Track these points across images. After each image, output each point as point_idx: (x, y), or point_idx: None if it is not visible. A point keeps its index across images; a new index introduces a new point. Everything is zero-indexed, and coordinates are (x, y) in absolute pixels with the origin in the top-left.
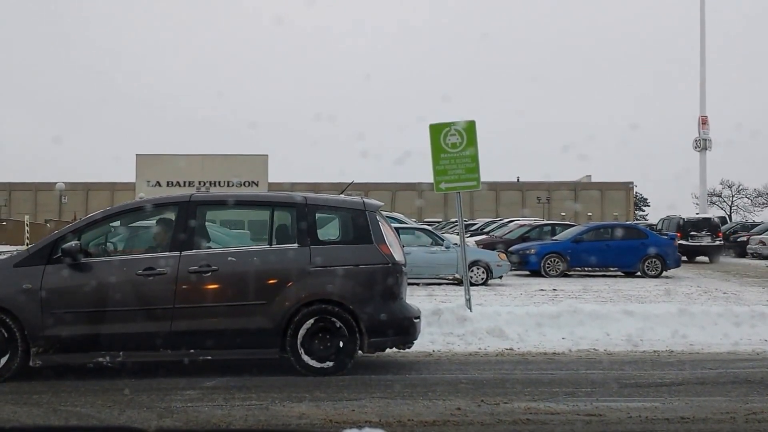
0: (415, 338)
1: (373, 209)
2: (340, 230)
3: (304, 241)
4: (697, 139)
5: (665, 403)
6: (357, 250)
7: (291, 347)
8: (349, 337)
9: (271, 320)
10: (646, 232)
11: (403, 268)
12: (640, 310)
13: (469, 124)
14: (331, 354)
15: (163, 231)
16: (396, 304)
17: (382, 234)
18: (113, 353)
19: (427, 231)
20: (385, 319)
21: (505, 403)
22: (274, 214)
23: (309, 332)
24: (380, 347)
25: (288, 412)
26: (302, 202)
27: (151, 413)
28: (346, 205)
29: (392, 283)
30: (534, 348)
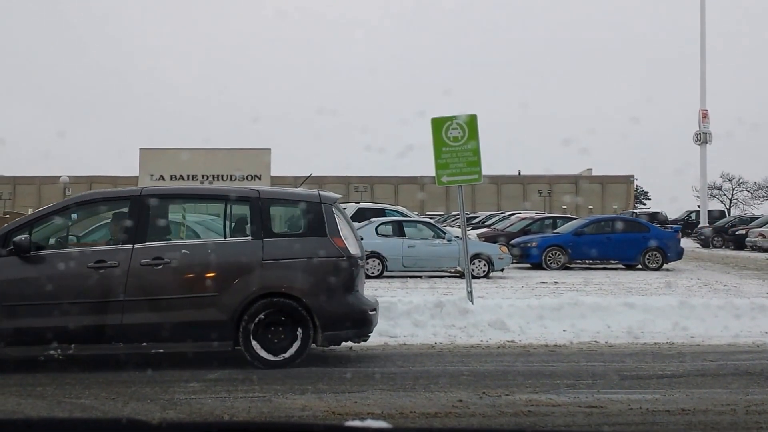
0: (370, 331)
1: (329, 202)
2: (295, 223)
3: (258, 234)
4: (697, 133)
5: (666, 394)
6: (311, 242)
7: (244, 340)
8: (302, 330)
9: (224, 313)
10: (647, 225)
11: (358, 261)
12: (641, 303)
13: (471, 118)
14: (285, 347)
15: (117, 224)
16: (351, 297)
17: (337, 227)
18: (64, 346)
19: (429, 224)
20: (340, 311)
21: (507, 395)
22: (228, 207)
23: (262, 325)
24: (335, 340)
25: (291, 404)
26: (256, 195)
27: (155, 405)
28: (301, 198)
29: (347, 275)
30: (535, 340)
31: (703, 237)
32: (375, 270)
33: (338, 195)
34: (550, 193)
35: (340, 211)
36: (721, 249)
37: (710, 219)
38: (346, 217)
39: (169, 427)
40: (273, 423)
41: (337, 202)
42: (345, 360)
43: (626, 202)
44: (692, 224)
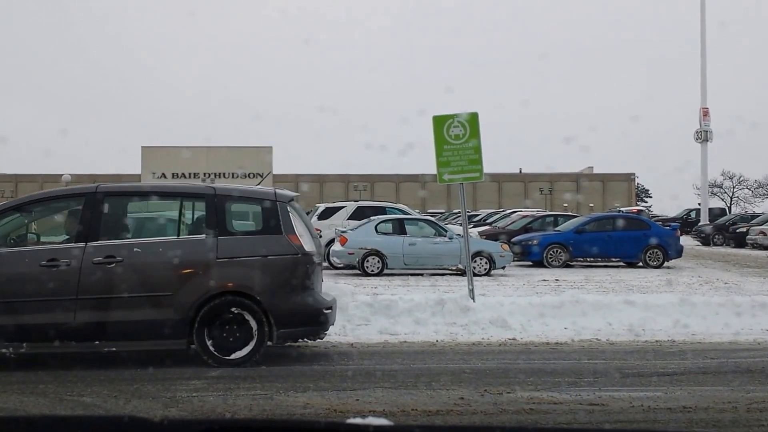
0: (326, 329)
1: (284, 200)
2: (250, 221)
3: (212, 232)
4: (698, 131)
5: (667, 392)
6: (266, 240)
7: (198, 338)
8: (257, 329)
9: (178, 311)
10: (648, 222)
11: (314, 258)
12: (642, 300)
13: (472, 116)
14: (240, 345)
15: (71, 222)
16: (306, 295)
17: (292, 224)
18: (16, 344)
19: (430, 222)
20: (295, 309)
21: (509, 392)
22: (184, 204)
23: (217, 323)
24: (290, 338)
25: (292, 401)
26: (212, 192)
27: (157, 403)
28: (257, 196)
29: (302, 273)
30: (537, 338)
31: (704, 235)
32: (375, 268)
33: (295, 193)
34: (551, 190)
35: (296, 209)
36: (721, 247)
37: (710, 217)
38: (303, 214)
39: (171, 425)
40: (274, 420)
41: (293, 200)
42: (346, 357)
43: (627, 199)
44: (692, 222)
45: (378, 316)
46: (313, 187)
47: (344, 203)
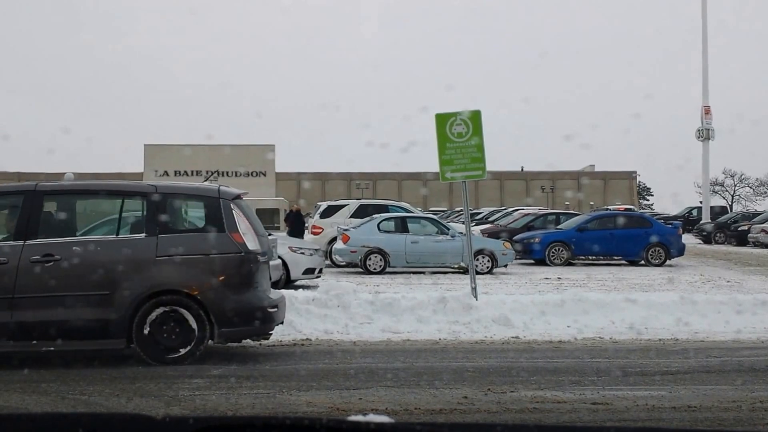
0: (270, 328)
1: (228, 197)
2: (192, 219)
3: (152, 230)
4: (700, 129)
5: (671, 391)
6: (208, 238)
7: (137, 338)
8: (197, 328)
9: (117, 311)
10: (650, 220)
11: (258, 257)
12: (645, 299)
13: (475, 114)
14: (180, 344)
15: (10, 220)
16: (249, 294)
17: (235, 222)
18: None
19: (432, 220)
20: (237, 308)
21: (512, 391)
22: (124, 203)
23: (156, 322)
24: (232, 337)
25: (295, 400)
26: (152, 190)
27: (159, 401)
28: (199, 193)
29: (245, 272)
30: (539, 336)
31: (705, 233)
32: (377, 266)
33: (240, 190)
34: (553, 189)
35: (241, 207)
36: (723, 245)
37: (711, 215)
38: (250, 213)
39: (173, 422)
40: (276, 417)
41: (238, 197)
42: (349, 356)
43: (629, 198)
44: (693, 221)
45: (380, 315)
46: (315, 185)
47: (346, 201)
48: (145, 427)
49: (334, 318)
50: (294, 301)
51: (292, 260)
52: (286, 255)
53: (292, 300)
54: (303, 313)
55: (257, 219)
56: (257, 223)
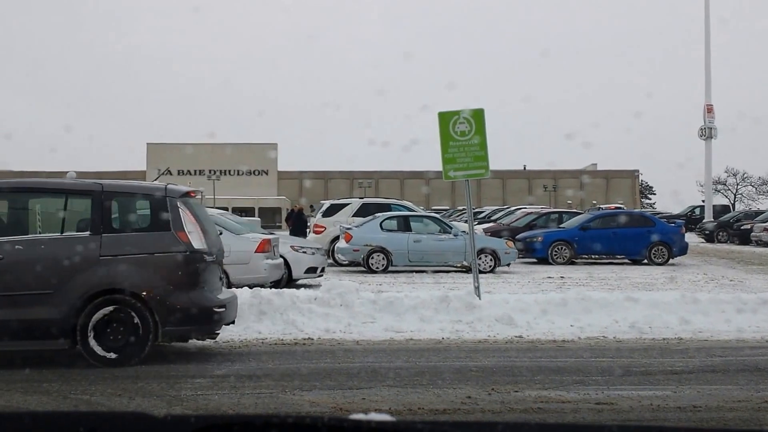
0: (217, 328)
1: (175, 196)
2: (138, 218)
3: (97, 229)
4: (702, 128)
5: (676, 391)
6: (153, 237)
7: (81, 338)
8: (142, 327)
9: (60, 311)
10: (653, 219)
11: (205, 256)
12: (648, 298)
13: (478, 112)
14: (124, 344)
15: None
16: (194, 293)
17: (181, 221)
18: None
19: (435, 219)
20: (181, 308)
21: (516, 391)
22: (69, 201)
23: (101, 322)
24: (177, 337)
25: (298, 400)
26: (98, 189)
27: (161, 401)
28: (146, 192)
29: (190, 271)
30: (543, 335)
31: (708, 232)
32: (380, 265)
33: (188, 188)
34: (555, 187)
35: (190, 205)
36: (725, 244)
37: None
38: (200, 211)
39: (174, 421)
40: (278, 416)
41: (186, 195)
42: (352, 355)
43: (631, 196)
44: (696, 219)
45: (383, 314)
46: (317, 184)
47: (349, 200)
48: (147, 426)
49: (337, 317)
50: (296, 300)
51: (294, 259)
52: (287, 254)
53: (294, 299)
54: (305, 312)
55: (208, 218)
56: (208, 223)
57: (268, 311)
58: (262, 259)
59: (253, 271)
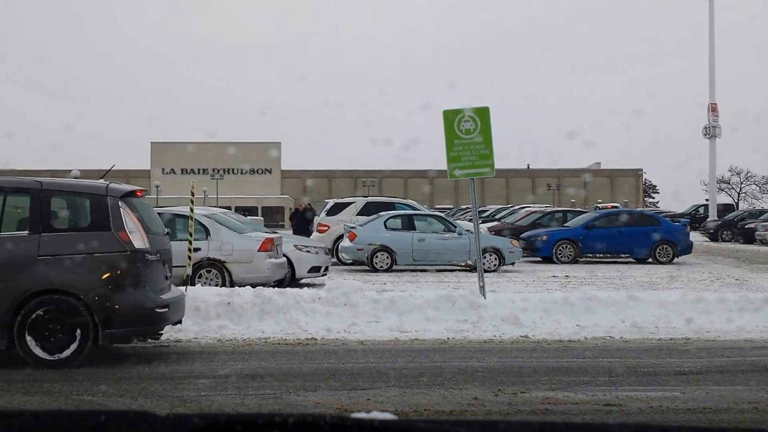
0: (159, 329)
1: (116, 195)
2: (78, 217)
3: (35, 228)
4: (706, 126)
5: (685, 392)
6: (93, 237)
7: (19, 339)
8: (81, 328)
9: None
10: (657, 218)
11: (146, 256)
12: (655, 297)
13: (483, 110)
14: (63, 345)
15: None
16: (135, 294)
17: (122, 221)
18: None
19: (439, 218)
20: (122, 309)
21: (523, 392)
22: (7, 200)
23: (39, 323)
24: (118, 338)
25: (303, 401)
26: (37, 187)
27: (164, 402)
28: (86, 191)
29: (131, 271)
30: (549, 335)
31: (712, 231)
32: (384, 264)
33: (131, 187)
34: (558, 186)
35: (132, 205)
36: (730, 243)
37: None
38: (143, 210)
39: (176, 419)
40: (280, 414)
41: (128, 194)
42: (357, 355)
43: (635, 195)
44: (700, 218)
45: (388, 313)
46: (321, 183)
47: (353, 199)
48: (149, 424)
49: (341, 317)
50: (299, 300)
51: (297, 258)
52: (291, 253)
53: (297, 298)
54: (309, 312)
55: (153, 217)
56: (152, 222)
57: (271, 310)
58: (265, 258)
59: (256, 270)
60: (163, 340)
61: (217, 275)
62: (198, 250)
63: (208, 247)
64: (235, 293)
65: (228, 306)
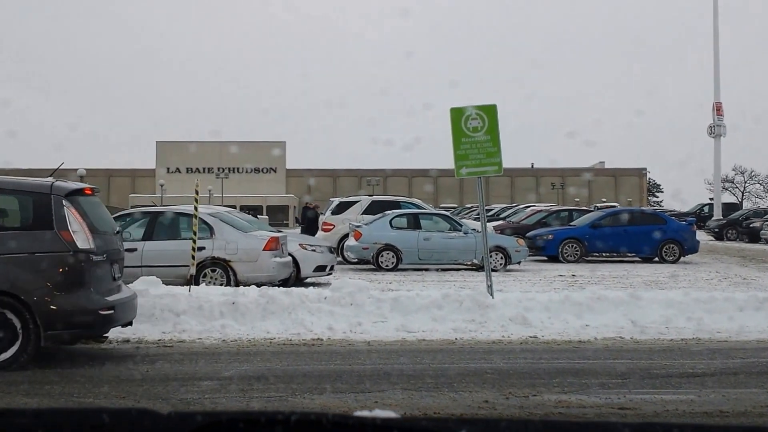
0: (104, 331)
1: (60, 193)
2: (21, 215)
3: None
4: (711, 126)
5: (701, 395)
6: (35, 236)
7: None
8: (22, 330)
9: None
10: (664, 217)
11: (91, 256)
12: (664, 297)
13: (490, 108)
14: (4, 347)
15: None
16: (78, 295)
17: (65, 220)
18: None
19: (445, 216)
20: (65, 310)
21: (534, 395)
22: None
23: None
24: (60, 340)
25: (309, 403)
26: None
27: (166, 404)
28: (29, 189)
29: (74, 272)
30: (558, 335)
31: (716, 230)
32: (390, 263)
33: (78, 185)
34: (563, 185)
35: (77, 203)
36: (734, 242)
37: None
38: (91, 209)
39: (179, 417)
40: (282, 412)
41: (73, 193)
42: (363, 356)
43: (639, 194)
44: (704, 217)
45: (394, 313)
46: (325, 182)
47: (359, 197)
48: (152, 422)
49: (347, 316)
50: (305, 299)
51: (302, 257)
52: (296, 252)
53: (303, 298)
54: (314, 312)
55: (102, 216)
56: (100, 221)
57: (276, 310)
58: (270, 257)
59: (261, 269)
60: (167, 340)
61: (221, 274)
62: (202, 249)
63: (213, 246)
64: (239, 293)
65: (232, 306)
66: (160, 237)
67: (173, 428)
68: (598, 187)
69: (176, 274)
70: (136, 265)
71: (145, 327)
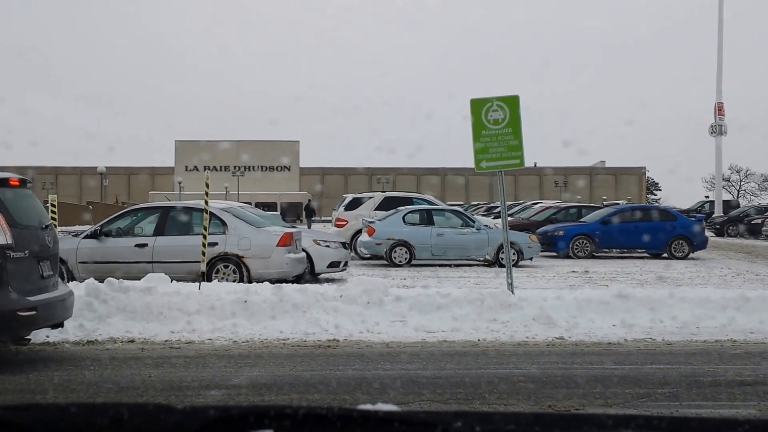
0: (23, 334)
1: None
2: None
3: None
4: (713, 125)
5: (761, 408)
6: None
7: None
8: None
9: None
10: (674, 213)
11: (8, 252)
12: (693, 296)
13: (512, 99)
14: None
15: None
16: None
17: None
18: None
19: (457, 212)
20: None
21: (577, 409)
22: None
23: None
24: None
25: None
26: None
27: None
28: None
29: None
30: (586, 337)
31: (718, 226)
32: (403, 259)
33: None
34: (566, 183)
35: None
36: (735, 238)
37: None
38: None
39: (192, 411)
40: (291, 406)
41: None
42: (383, 360)
43: (639, 192)
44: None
45: (413, 312)
46: (339, 179)
47: (371, 194)
48: (167, 416)
49: (363, 316)
50: (320, 298)
51: (316, 253)
52: (310, 248)
53: (318, 296)
54: (330, 311)
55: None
56: (24, 215)
57: (290, 309)
58: (284, 253)
59: (275, 265)
60: (174, 341)
61: (234, 270)
62: (215, 244)
63: (226, 242)
64: (251, 291)
65: (244, 304)
66: (172, 232)
67: (186, 422)
68: (598, 185)
69: (188, 269)
70: (146, 260)
71: (153, 326)
